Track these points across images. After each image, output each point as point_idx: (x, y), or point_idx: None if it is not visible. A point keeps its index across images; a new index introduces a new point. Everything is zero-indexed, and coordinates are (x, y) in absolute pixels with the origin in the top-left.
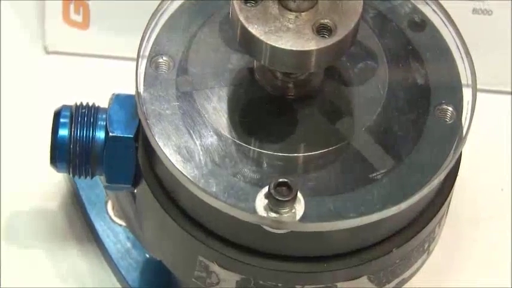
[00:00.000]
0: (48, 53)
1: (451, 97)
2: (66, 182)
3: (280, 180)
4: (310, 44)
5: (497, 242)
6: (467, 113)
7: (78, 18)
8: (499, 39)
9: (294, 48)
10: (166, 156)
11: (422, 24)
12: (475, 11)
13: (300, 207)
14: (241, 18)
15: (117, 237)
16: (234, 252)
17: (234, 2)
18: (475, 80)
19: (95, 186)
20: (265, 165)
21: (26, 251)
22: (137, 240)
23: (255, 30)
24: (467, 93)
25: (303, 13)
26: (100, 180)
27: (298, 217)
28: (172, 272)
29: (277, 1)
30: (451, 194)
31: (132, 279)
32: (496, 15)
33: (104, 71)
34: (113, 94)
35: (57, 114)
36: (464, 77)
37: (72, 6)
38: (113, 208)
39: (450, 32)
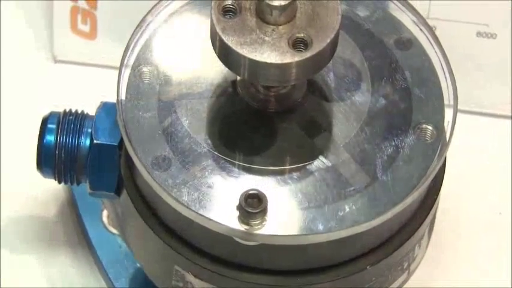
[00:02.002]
0: (56, 62)
1: (432, 117)
2: (64, 190)
3: (251, 192)
4: (284, 57)
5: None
6: (447, 133)
7: (86, 29)
8: (501, 63)
9: (267, 61)
10: (142, 164)
11: (408, 43)
12: (479, 34)
13: (271, 220)
14: (218, 29)
15: (110, 246)
16: (208, 263)
17: (213, 13)
18: (457, 101)
19: None
20: (239, 176)
21: (20, 256)
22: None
23: (230, 41)
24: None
25: (280, 26)
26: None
27: (268, 229)
28: None
29: (255, 14)
30: (431, 214)
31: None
32: (499, 39)
33: (110, 81)
34: (101, 102)
35: (45, 121)
36: (449, 97)
37: (79, 17)
38: (108, 217)
39: (435, 51)
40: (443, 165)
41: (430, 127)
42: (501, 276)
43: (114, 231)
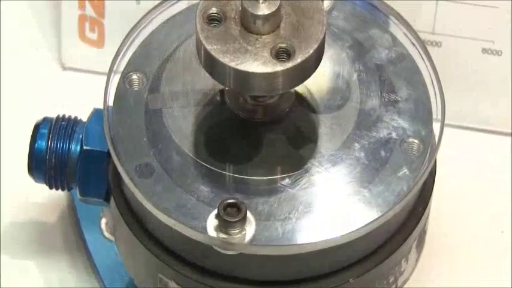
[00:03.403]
0: (64, 69)
1: (419, 131)
2: (65, 196)
3: (229, 201)
4: (265, 66)
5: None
6: (433, 148)
7: (94, 37)
8: (506, 80)
9: (248, 70)
10: (123, 170)
11: (400, 56)
12: (484, 50)
13: (250, 229)
14: (201, 37)
15: (107, 252)
16: (190, 272)
17: (197, 22)
18: (444, 115)
19: None
20: (221, 185)
21: (19, 260)
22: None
23: (213, 49)
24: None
25: (263, 36)
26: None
27: (247, 239)
28: None
29: (239, 23)
30: (418, 228)
31: None
32: (504, 56)
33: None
34: (94, 108)
35: (37, 126)
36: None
37: (87, 25)
38: (106, 224)
39: (426, 66)
40: (432, 179)
41: (416, 141)
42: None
43: (112, 238)
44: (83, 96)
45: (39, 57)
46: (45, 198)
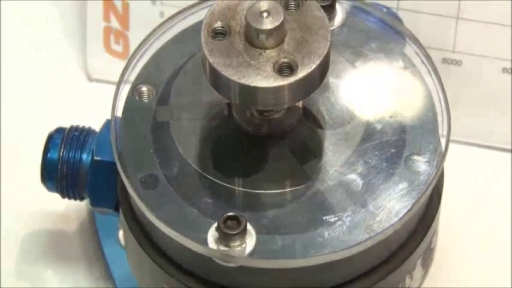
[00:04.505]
0: (91, 80)
1: (425, 148)
2: (85, 206)
3: (229, 214)
4: (267, 81)
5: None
6: (438, 165)
7: (119, 49)
8: None
9: (249, 84)
10: (127, 181)
11: (408, 74)
12: (504, 70)
13: (250, 242)
14: (206, 51)
15: (123, 263)
16: (194, 283)
17: (202, 35)
18: (449, 133)
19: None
20: (223, 198)
21: (38, 269)
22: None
23: (216, 62)
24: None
25: (267, 50)
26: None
27: (247, 252)
28: None
29: (244, 37)
30: (422, 246)
31: None
32: None
33: None
34: (106, 119)
35: (50, 136)
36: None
37: (112, 37)
38: (124, 235)
39: (434, 83)
40: (438, 197)
41: (421, 158)
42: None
43: None
44: (109, 107)
45: (66, 69)
46: (65, 208)
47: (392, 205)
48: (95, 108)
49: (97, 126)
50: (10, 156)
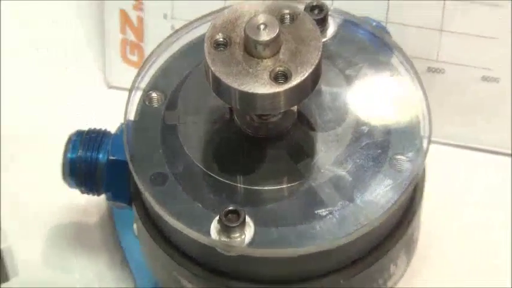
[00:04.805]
0: (109, 87)
1: (408, 148)
2: (105, 201)
3: (230, 208)
4: (263, 88)
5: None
6: (420, 164)
7: (134, 58)
8: (503, 105)
9: (247, 90)
10: (139, 179)
11: (393, 81)
12: (483, 78)
13: (249, 234)
14: (208, 60)
15: (138, 252)
16: (199, 271)
17: (205, 46)
18: (430, 136)
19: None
20: (225, 194)
21: (63, 259)
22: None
23: (217, 71)
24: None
25: (264, 60)
26: None
27: (246, 242)
28: None
29: (243, 48)
30: (406, 237)
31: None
32: (502, 83)
33: None
34: (121, 123)
35: (70, 138)
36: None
37: (128, 48)
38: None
39: (417, 89)
40: (420, 194)
41: (404, 158)
42: None
43: None
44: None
45: (87, 76)
46: (86, 202)
47: (378, 200)
48: (112, 112)
49: (113, 129)
50: (37, 156)
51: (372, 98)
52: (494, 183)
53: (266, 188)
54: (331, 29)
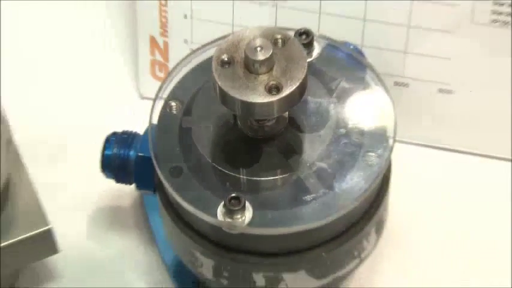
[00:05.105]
0: (142, 98)
1: (378, 147)
2: (140, 197)
3: (233, 195)
4: (260, 98)
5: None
6: (386, 159)
7: (161, 75)
8: (457, 112)
9: (247, 100)
10: (160, 171)
11: (367, 92)
12: (440, 90)
13: (248, 216)
14: (215, 76)
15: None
16: (209, 246)
17: (213, 65)
18: (395, 137)
19: None
20: (229, 184)
21: (101, 233)
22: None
23: (223, 85)
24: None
25: (260, 75)
26: None
27: (246, 223)
28: None
29: (243, 66)
30: (376, 218)
31: (171, 262)
32: (456, 94)
33: None
34: (147, 126)
35: (107, 138)
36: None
37: (157, 67)
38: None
39: (386, 99)
40: (387, 183)
41: (374, 154)
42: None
43: None
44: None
45: (124, 89)
46: (121, 190)
47: (353, 188)
48: (143, 118)
49: (143, 131)
50: (82, 152)
51: (349, 107)
52: (444, 176)
53: (262, 178)
54: (316, 50)
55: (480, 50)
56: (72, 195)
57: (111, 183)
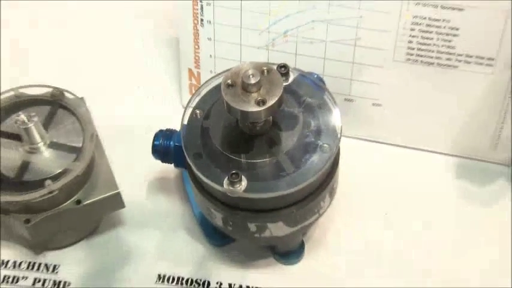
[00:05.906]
0: (183, 107)
1: (330, 140)
2: (180, 172)
3: (234, 172)
4: (251, 108)
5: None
6: (335, 148)
7: None
8: (384, 120)
9: (243, 109)
10: (187, 155)
11: (324, 106)
12: (373, 104)
13: (244, 185)
14: (223, 94)
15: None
16: (219, 204)
17: (222, 86)
18: (341, 135)
19: None
20: (231, 164)
21: (152, 197)
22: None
23: (228, 100)
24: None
25: (252, 93)
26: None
27: (242, 190)
28: None
29: (241, 87)
30: (329, 187)
31: (198, 215)
32: (384, 107)
33: None
34: (181, 125)
35: (156, 133)
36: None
37: (193, 88)
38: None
39: (334, 110)
40: (336, 165)
41: (327, 145)
42: None
43: None
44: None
45: (171, 102)
46: (167, 167)
47: (313, 167)
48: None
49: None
50: (141, 142)
51: (312, 115)
52: (378, 161)
53: (254, 161)
54: (291, 78)
55: (398, 78)
56: (134, 170)
57: (159, 162)
